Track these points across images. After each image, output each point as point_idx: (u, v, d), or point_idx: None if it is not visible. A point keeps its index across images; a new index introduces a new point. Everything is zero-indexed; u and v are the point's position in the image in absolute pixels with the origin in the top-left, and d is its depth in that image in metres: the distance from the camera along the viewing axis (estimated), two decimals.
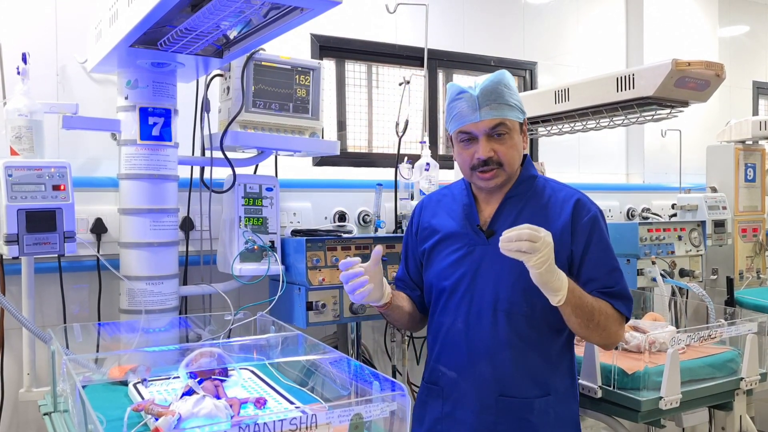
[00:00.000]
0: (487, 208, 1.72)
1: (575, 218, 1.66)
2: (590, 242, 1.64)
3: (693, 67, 2.20)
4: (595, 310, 1.57)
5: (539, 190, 1.72)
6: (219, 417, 1.23)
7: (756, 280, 3.48)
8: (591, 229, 1.65)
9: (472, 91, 1.62)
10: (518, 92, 1.68)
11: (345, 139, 3.08)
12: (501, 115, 1.61)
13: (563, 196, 1.71)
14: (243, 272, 2.18)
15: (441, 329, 1.71)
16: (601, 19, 3.88)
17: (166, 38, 1.74)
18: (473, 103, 1.61)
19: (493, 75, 1.64)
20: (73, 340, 1.91)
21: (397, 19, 3.03)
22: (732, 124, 3.53)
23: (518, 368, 1.62)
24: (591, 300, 1.57)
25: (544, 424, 1.62)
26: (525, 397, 1.61)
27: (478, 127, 1.61)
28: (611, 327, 1.61)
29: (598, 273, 1.63)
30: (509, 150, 1.64)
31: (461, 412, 1.65)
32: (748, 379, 2.02)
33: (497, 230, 1.64)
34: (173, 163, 2.12)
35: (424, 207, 1.85)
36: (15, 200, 1.83)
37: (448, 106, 1.69)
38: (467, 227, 1.70)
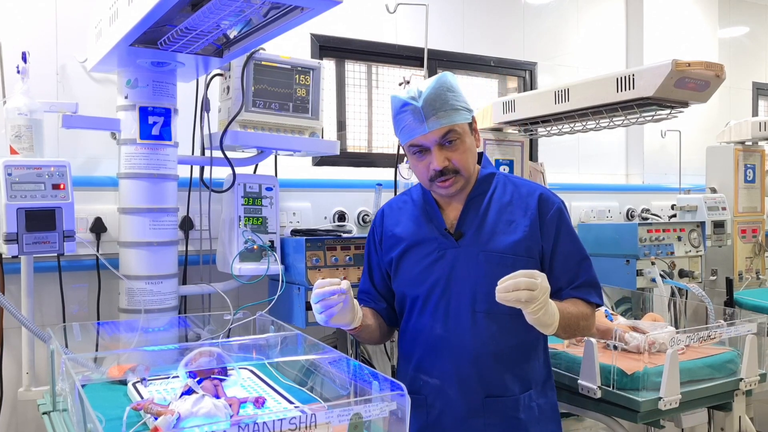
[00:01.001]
0: (452, 211, 1.70)
1: (541, 213, 1.65)
2: (559, 235, 1.65)
3: (693, 67, 2.20)
4: (579, 318, 1.59)
5: (500, 187, 1.70)
6: (218, 416, 1.23)
7: (755, 280, 3.48)
8: (558, 222, 1.66)
9: (415, 102, 1.57)
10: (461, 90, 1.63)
11: (345, 139, 3.08)
12: (449, 122, 1.57)
13: (526, 192, 1.69)
14: (242, 272, 2.18)
15: (419, 336, 1.67)
16: (601, 19, 3.88)
17: (166, 37, 1.74)
18: (419, 115, 1.57)
19: (435, 81, 1.60)
20: (73, 340, 1.91)
21: (397, 19, 3.03)
22: (732, 124, 3.54)
23: (501, 367, 1.61)
24: (574, 312, 1.58)
25: (531, 420, 1.63)
26: (510, 395, 1.61)
27: (428, 139, 1.58)
28: (591, 324, 1.67)
29: (569, 264, 1.65)
30: (463, 155, 1.61)
31: (447, 420, 1.62)
32: (748, 380, 2.02)
33: (465, 232, 1.65)
34: (173, 162, 2.12)
35: (385, 215, 1.80)
36: (15, 199, 1.83)
37: (395, 119, 1.65)
38: (434, 231, 1.68)
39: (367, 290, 1.80)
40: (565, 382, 2.02)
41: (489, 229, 1.64)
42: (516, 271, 1.55)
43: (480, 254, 1.62)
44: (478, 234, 1.63)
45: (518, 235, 1.62)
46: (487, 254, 1.61)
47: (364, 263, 1.85)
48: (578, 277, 1.65)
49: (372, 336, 1.73)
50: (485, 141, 2.83)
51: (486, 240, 1.63)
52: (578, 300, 1.64)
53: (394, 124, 1.67)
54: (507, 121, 2.79)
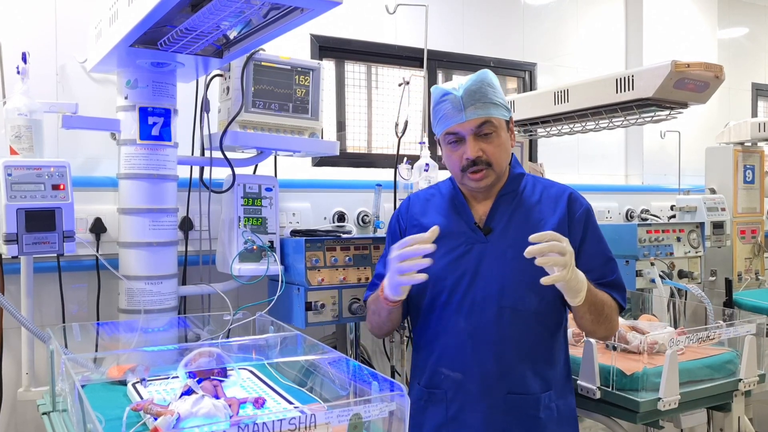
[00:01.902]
0: (480, 207, 1.71)
1: (571, 212, 1.68)
2: (586, 234, 1.67)
3: (692, 68, 2.21)
4: (605, 304, 1.61)
5: (530, 187, 1.73)
6: (218, 417, 1.23)
7: (755, 281, 3.48)
8: (586, 221, 1.68)
9: (456, 92, 1.62)
10: (502, 91, 1.69)
11: (344, 140, 3.08)
12: (486, 113, 1.61)
13: (555, 192, 1.73)
14: (242, 272, 2.18)
15: (442, 330, 1.68)
16: (601, 20, 3.88)
17: (166, 38, 1.74)
18: (458, 104, 1.61)
19: (476, 75, 1.64)
20: (72, 340, 1.91)
21: (397, 19, 3.04)
22: (731, 125, 3.54)
23: (524, 364, 1.62)
24: (601, 295, 1.61)
25: (550, 420, 1.63)
26: (532, 393, 1.62)
27: (465, 127, 1.62)
28: (614, 318, 1.67)
29: (595, 264, 1.66)
30: (497, 149, 1.64)
31: (468, 415, 1.62)
32: (747, 381, 2.02)
33: (494, 228, 1.66)
34: (173, 162, 2.12)
35: (411, 204, 1.82)
36: (14, 199, 1.83)
37: (434, 110, 1.69)
38: (463, 225, 1.69)
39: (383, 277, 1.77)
40: None
41: (518, 226, 1.65)
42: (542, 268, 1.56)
43: (508, 251, 1.63)
44: (507, 230, 1.65)
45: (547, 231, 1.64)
46: (515, 251, 1.60)
47: (385, 249, 1.85)
48: (604, 276, 1.66)
49: (394, 320, 1.72)
50: None
51: (514, 237, 1.63)
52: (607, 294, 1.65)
53: (432, 114, 1.70)
54: None
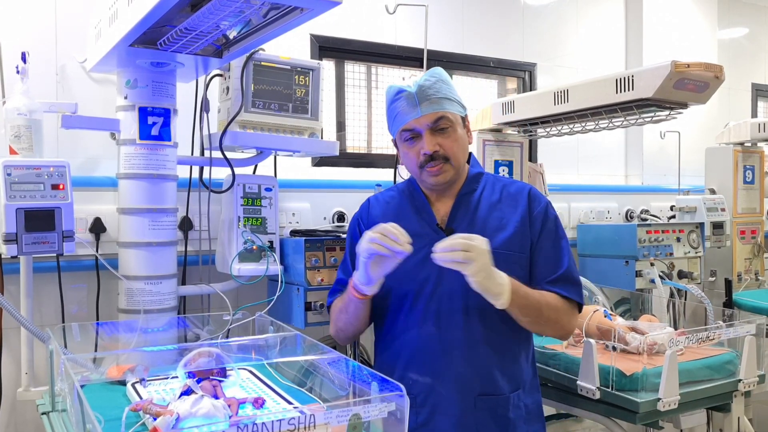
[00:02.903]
0: (441, 207, 1.70)
1: (531, 208, 1.68)
2: (542, 231, 1.66)
3: (692, 68, 2.21)
4: (542, 306, 1.58)
5: (489, 186, 1.73)
6: (217, 417, 1.23)
7: (754, 281, 3.48)
8: (543, 218, 1.68)
9: (409, 89, 1.62)
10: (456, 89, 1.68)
11: (344, 140, 3.08)
12: (441, 108, 1.61)
13: (515, 190, 1.72)
14: (242, 272, 2.18)
15: (408, 335, 1.65)
16: (601, 20, 3.88)
17: (165, 38, 1.74)
18: (413, 100, 1.61)
19: (429, 71, 1.65)
20: (72, 340, 1.91)
21: (397, 19, 3.04)
22: (731, 126, 3.54)
23: (493, 365, 1.61)
24: (537, 296, 1.58)
25: (519, 419, 1.63)
26: (501, 394, 1.61)
27: (420, 123, 1.61)
28: (562, 319, 1.64)
29: (548, 261, 1.65)
30: (454, 143, 1.64)
31: (439, 419, 1.60)
32: (746, 381, 2.02)
33: (456, 228, 1.64)
34: (172, 162, 2.12)
35: (372, 206, 1.80)
36: (14, 199, 1.83)
37: (388, 109, 1.69)
38: (425, 227, 1.67)
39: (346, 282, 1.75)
40: (564, 383, 2.02)
41: (480, 227, 1.64)
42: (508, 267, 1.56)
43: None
44: (470, 231, 1.60)
45: (509, 231, 1.64)
46: None
47: (345, 253, 1.83)
48: (555, 271, 1.65)
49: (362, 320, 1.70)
50: (485, 142, 2.83)
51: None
52: (552, 293, 1.63)
53: (387, 114, 1.70)
54: (506, 122, 2.80)
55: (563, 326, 1.66)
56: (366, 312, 1.69)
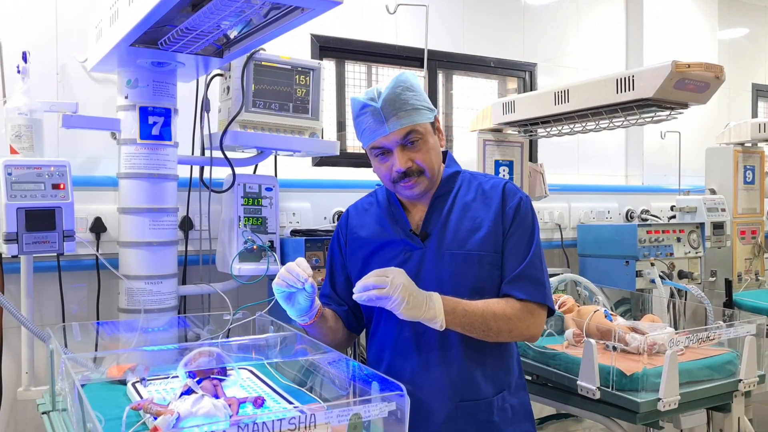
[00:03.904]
0: (417, 212, 1.67)
1: (503, 204, 1.62)
2: (511, 227, 1.61)
3: (692, 69, 2.21)
4: (488, 318, 1.52)
5: (465, 185, 1.68)
6: (217, 416, 1.23)
7: (754, 282, 3.49)
8: (515, 214, 1.61)
9: (374, 103, 1.54)
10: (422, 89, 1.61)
11: (344, 140, 3.08)
12: (410, 122, 1.54)
13: (490, 186, 1.66)
14: (242, 272, 2.18)
15: (387, 341, 1.64)
16: (601, 20, 3.88)
17: (166, 38, 1.74)
18: (379, 116, 1.53)
19: (394, 80, 1.55)
20: (72, 339, 1.90)
21: (397, 19, 3.04)
22: (731, 126, 3.54)
23: (472, 369, 1.58)
24: (480, 309, 1.52)
25: (505, 421, 1.60)
26: (484, 398, 1.58)
27: (389, 140, 1.55)
28: (517, 326, 1.56)
29: (511, 258, 1.59)
30: (426, 155, 1.58)
31: (420, 425, 1.56)
32: (747, 381, 2.02)
33: (431, 232, 1.62)
34: (173, 162, 2.13)
35: (350, 217, 1.77)
36: (14, 199, 1.83)
37: (355, 122, 1.62)
38: (400, 233, 1.64)
39: (328, 294, 1.76)
40: (564, 383, 2.02)
41: (454, 228, 1.61)
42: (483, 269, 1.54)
43: (446, 254, 1.59)
44: (444, 234, 1.61)
45: (483, 231, 1.59)
46: (453, 254, 1.58)
47: (327, 265, 1.81)
48: (513, 271, 1.58)
49: (332, 335, 1.68)
50: (485, 142, 2.83)
51: (451, 239, 1.60)
52: (507, 298, 1.58)
53: (355, 126, 1.63)
54: (507, 122, 2.80)
55: (521, 333, 1.58)
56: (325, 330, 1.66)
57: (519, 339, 1.63)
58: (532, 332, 1.61)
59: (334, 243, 1.78)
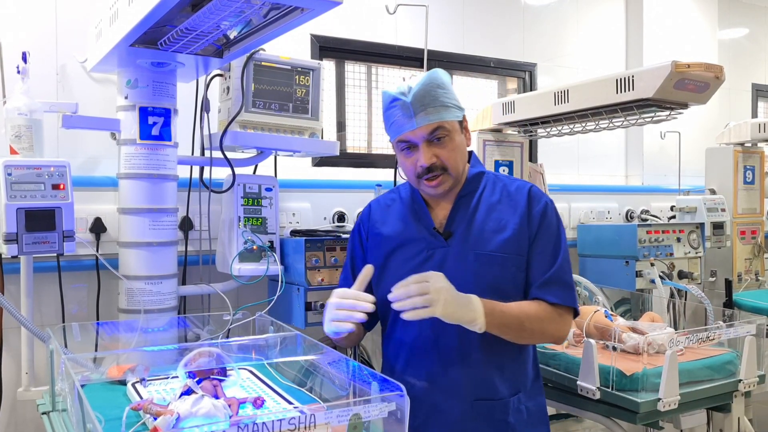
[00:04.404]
0: (441, 210, 1.67)
1: (530, 207, 1.63)
2: (539, 232, 1.62)
3: (692, 69, 2.21)
4: (523, 320, 1.54)
5: (489, 186, 1.69)
6: (217, 417, 1.23)
7: (754, 282, 3.49)
8: (541, 218, 1.63)
9: (405, 98, 1.55)
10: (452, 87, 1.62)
11: (344, 140, 3.08)
12: (438, 118, 1.56)
13: (515, 188, 1.67)
14: (242, 272, 2.18)
15: (406, 338, 1.64)
16: (601, 20, 3.88)
17: (166, 38, 1.74)
18: (408, 110, 1.55)
19: (425, 77, 1.57)
20: (72, 340, 1.91)
21: (397, 20, 3.04)
22: (731, 126, 3.54)
23: (490, 369, 1.59)
24: (516, 311, 1.53)
25: (520, 423, 1.60)
26: (500, 398, 1.59)
27: (416, 135, 1.56)
28: (548, 328, 1.59)
29: (542, 264, 1.61)
30: (451, 153, 1.59)
31: (435, 423, 1.59)
32: (747, 381, 2.02)
33: (454, 231, 1.62)
34: (173, 162, 2.13)
35: (372, 212, 1.78)
36: (14, 199, 1.83)
37: (384, 115, 1.64)
38: (423, 231, 1.65)
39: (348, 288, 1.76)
40: (564, 383, 2.02)
41: (478, 229, 1.62)
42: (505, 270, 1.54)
43: (470, 254, 1.59)
44: (468, 233, 1.61)
45: (508, 233, 1.60)
46: (476, 254, 1.59)
47: (347, 259, 1.80)
48: (544, 275, 1.60)
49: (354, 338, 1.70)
50: (485, 142, 2.83)
51: (475, 239, 1.60)
52: (539, 301, 1.59)
53: (384, 119, 1.65)
54: (506, 122, 2.80)
55: (551, 335, 1.62)
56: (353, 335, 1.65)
57: (548, 341, 1.66)
58: (561, 334, 1.64)
59: (355, 237, 1.79)
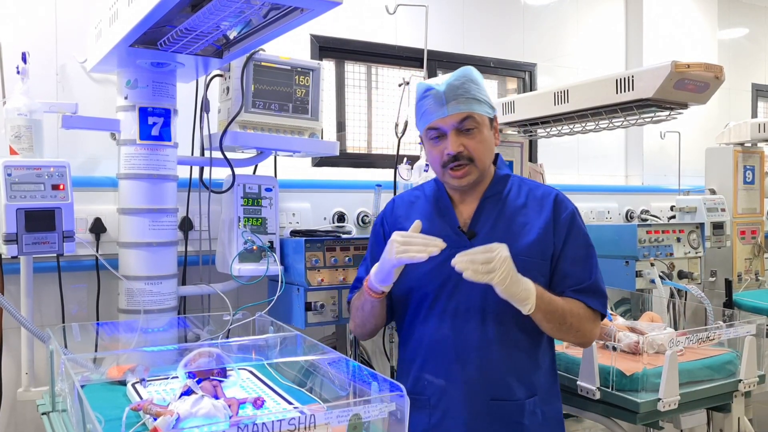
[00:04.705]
0: (465, 209, 1.69)
1: (556, 214, 1.65)
2: (568, 238, 1.64)
3: (692, 69, 2.21)
4: (566, 312, 1.57)
5: (515, 189, 1.70)
6: (217, 417, 1.23)
7: (754, 282, 3.49)
8: (570, 225, 1.64)
9: (438, 87, 1.60)
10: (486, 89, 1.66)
11: (344, 140, 3.08)
12: (468, 108, 1.59)
13: (541, 194, 1.69)
14: (242, 272, 2.18)
15: (425, 336, 1.65)
16: (601, 20, 3.88)
17: (166, 38, 1.74)
18: (440, 99, 1.59)
19: (460, 70, 1.63)
20: (72, 340, 1.91)
21: (397, 20, 3.04)
22: (731, 126, 3.54)
23: (507, 370, 1.60)
24: (561, 303, 1.57)
25: (534, 426, 1.61)
26: (515, 400, 1.59)
27: (446, 122, 1.59)
28: (584, 327, 1.62)
29: (574, 270, 1.63)
30: (479, 145, 1.61)
31: (450, 421, 1.59)
32: (746, 381, 2.02)
33: (478, 232, 1.63)
34: (172, 163, 2.13)
35: (396, 206, 1.79)
36: (14, 199, 1.83)
37: (417, 105, 1.67)
38: (447, 229, 1.66)
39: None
40: (564, 383, 2.02)
41: (502, 231, 1.63)
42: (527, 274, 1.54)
43: None
44: (492, 235, 1.62)
45: (532, 236, 1.61)
46: None
47: (368, 252, 1.82)
48: (582, 282, 1.63)
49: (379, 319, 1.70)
50: None
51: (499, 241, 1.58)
52: (577, 301, 1.62)
53: (416, 111, 1.68)
54: (506, 122, 2.80)
55: (585, 334, 1.64)
56: (382, 310, 1.69)
57: (581, 340, 1.68)
58: (591, 337, 1.68)
59: (378, 230, 1.80)
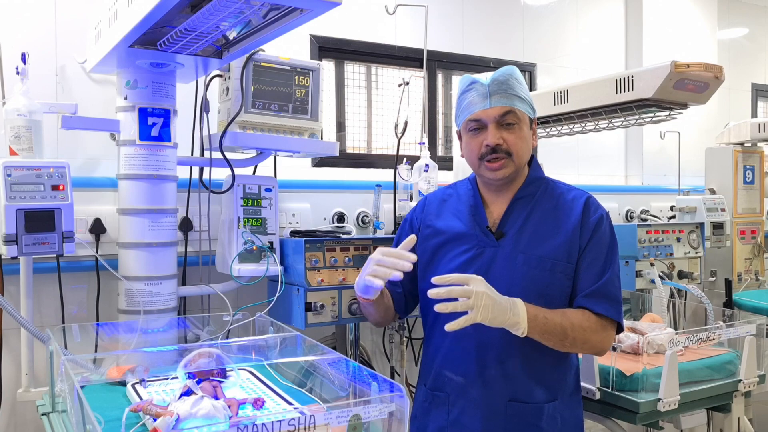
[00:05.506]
0: (496, 209, 1.70)
1: (584, 217, 1.65)
2: (590, 242, 1.64)
3: (692, 69, 2.21)
4: (566, 328, 1.54)
5: (548, 192, 1.71)
6: (217, 417, 1.23)
7: (754, 282, 3.48)
8: (594, 229, 1.64)
9: (483, 81, 1.63)
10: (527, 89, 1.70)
11: (344, 140, 3.08)
12: (511, 103, 1.62)
13: (572, 197, 1.70)
14: (242, 273, 2.18)
15: (447, 334, 1.62)
16: (601, 20, 3.88)
17: (165, 38, 1.74)
18: (484, 92, 1.62)
19: (504, 68, 1.66)
20: (72, 341, 1.91)
21: (397, 20, 3.04)
22: (731, 126, 3.54)
23: (528, 373, 1.60)
24: (559, 319, 1.54)
25: (552, 430, 1.61)
26: (535, 402, 1.59)
27: (488, 114, 1.61)
28: (591, 339, 1.59)
29: (590, 273, 1.62)
30: (518, 140, 1.63)
31: (468, 419, 1.61)
32: (747, 381, 2.02)
33: (507, 232, 1.64)
34: (172, 163, 2.12)
35: (428, 204, 1.81)
36: (14, 200, 1.83)
37: (459, 98, 1.69)
38: (475, 228, 1.67)
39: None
40: None
41: (531, 232, 1.63)
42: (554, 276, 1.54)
43: (519, 256, 1.61)
44: (520, 235, 1.63)
45: (559, 239, 1.62)
46: (526, 257, 1.60)
47: (393, 245, 1.81)
48: (590, 285, 1.61)
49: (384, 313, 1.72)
50: None
51: (527, 242, 1.62)
52: (583, 310, 1.59)
53: (457, 104, 1.71)
54: None
55: (594, 345, 1.61)
56: (381, 308, 1.71)
57: (590, 351, 1.66)
58: (603, 347, 1.64)
59: (406, 225, 1.82)
